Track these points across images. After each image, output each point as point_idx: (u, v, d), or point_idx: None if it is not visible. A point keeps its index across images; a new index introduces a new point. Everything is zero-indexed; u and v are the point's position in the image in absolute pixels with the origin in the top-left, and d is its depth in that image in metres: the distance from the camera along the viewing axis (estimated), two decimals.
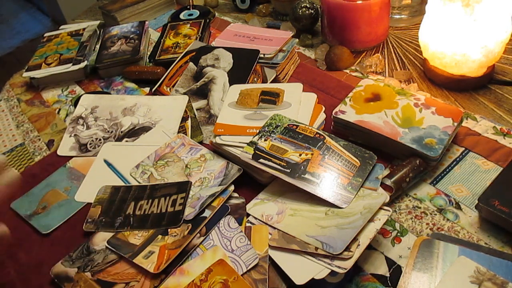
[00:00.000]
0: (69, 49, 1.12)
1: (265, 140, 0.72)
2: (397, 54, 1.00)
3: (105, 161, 0.80)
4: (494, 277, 0.53)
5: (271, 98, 0.81)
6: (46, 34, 1.22)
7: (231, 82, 0.91)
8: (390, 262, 0.61)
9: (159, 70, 1.02)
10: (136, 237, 0.65)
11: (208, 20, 1.18)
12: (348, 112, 0.77)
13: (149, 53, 1.12)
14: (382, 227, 0.60)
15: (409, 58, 0.99)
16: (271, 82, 0.90)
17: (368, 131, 0.73)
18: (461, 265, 0.55)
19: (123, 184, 0.75)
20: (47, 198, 0.76)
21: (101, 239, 0.66)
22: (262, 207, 0.67)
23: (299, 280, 0.55)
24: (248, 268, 0.58)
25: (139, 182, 0.75)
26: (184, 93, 0.93)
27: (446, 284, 0.54)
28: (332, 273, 0.56)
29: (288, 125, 0.74)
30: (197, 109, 0.90)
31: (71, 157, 0.84)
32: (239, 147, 0.73)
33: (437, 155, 0.68)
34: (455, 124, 0.72)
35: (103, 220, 0.69)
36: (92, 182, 0.77)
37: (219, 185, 0.70)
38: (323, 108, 0.80)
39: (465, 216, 0.65)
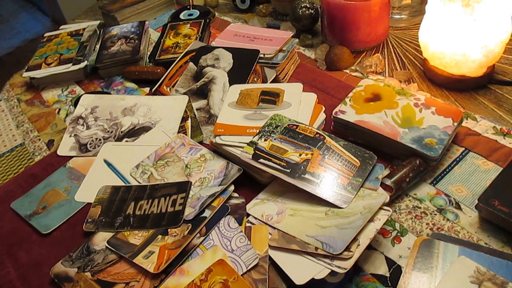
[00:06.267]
0: (69, 49, 1.12)
1: (265, 140, 0.72)
2: (397, 54, 1.00)
3: (105, 161, 0.80)
4: (494, 277, 0.53)
5: (271, 98, 0.81)
6: (46, 34, 1.22)
7: (231, 82, 0.91)
8: (390, 262, 0.61)
9: (159, 70, 1.02)
10: (136, 237, 0.65)
11: (208, 20, 1.18)
12: (348, 112, 0.77)
13: (149, 53, 1.12)
14: (382, 227, 0.60)
15: (409, 58, 0.99)
16: (271, 82, 0.90)
17: (368, 131, 0.73)
18: (461, 265, 0.55)
19: (123, 184, 0.75)
20: (47, 198, 0.76)
21: (101, 239, 0.66)
22: (262, 207, 0.67)
23: (299, 280, 0.55)
24: (248, 268, 0.58)
25: (139, 182, 0.75)
26: (184, 93, 0.93)
27: (446, 284, 0.54)
28: (332, 273, 0.56)
29: (288, 125, 0.74)
30: (197, 109, 0.90)
31: (71, 157, 0.84)
32: (239, 147, 0.73)
33: (437, 155, 0.68)
34: (455, 124, 0.72)
35: (103, 220, 0.69)
36: (92, 182, 0.77)
37: (219, 185, 0.70)
38: (323, 108, 0.79)
39: (465, 216, 0.65)
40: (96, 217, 0.70)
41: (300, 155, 0.69)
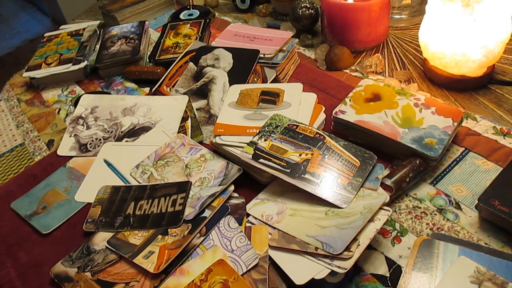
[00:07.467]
0: (69, 49, 1.12)
1: (265, 140, 0.72)
2: (397, 54, 1.00)
3: (105, 161, 0.80)
4: (494, 277, 0.53)
5: (271, 98, 0.81)
6: (46, 34, 1.22)
7: (231, 82, 0.91)
8: (390, 262, 0.61)
9: (159, 70, 1.02)
10: (136, 237, 0.65)
11: (208, 20, 1.18)
12: (348, 112, 0.77)
13: (149, 53, 1.12)
14: (382, 227, 0.60)
15: (409, 58, 0.99)
16: (271, 82, 0.90)
17: (368, 131, 0.73)
18: (461, 265, 0.55)
19: (123, 184, 0.75)
20: (47, 198, 0.76)
21: (101, 239, 0.66)
22: (262, 207, 0.67)
23: (299, 280, 0.55)
24: (248, 268, 0.58)
25: (139, 182, 0.75)
26: (184, 93, 0.93)
27: (446, 284, 0.54)
28: (332, 273, 0.56)
29: (288, 125, 0.74)
30: (197, 109, 0.90)
31: (71, 157, 0.84)
32: (239, 147, 0.73)
33: (437, 155, 0.68)
34: (455, 124, 0.72)
35: (103, 220, 0.69)
36: (92, 182, 0.77)
37: (219, 185, 0.70)
38: (323, 108, 0.79)
39: (465, 216, 0.65)
40: (96, 217, 0.70)
41: (300, 155, 0.69)
